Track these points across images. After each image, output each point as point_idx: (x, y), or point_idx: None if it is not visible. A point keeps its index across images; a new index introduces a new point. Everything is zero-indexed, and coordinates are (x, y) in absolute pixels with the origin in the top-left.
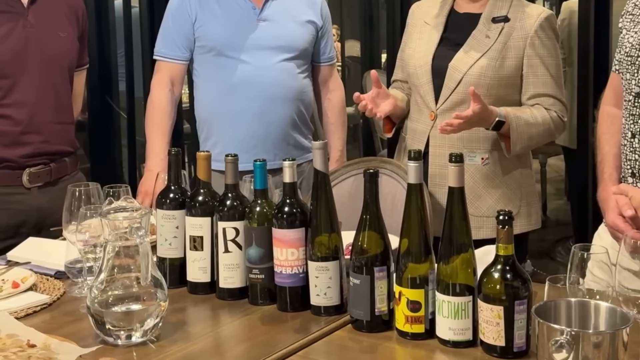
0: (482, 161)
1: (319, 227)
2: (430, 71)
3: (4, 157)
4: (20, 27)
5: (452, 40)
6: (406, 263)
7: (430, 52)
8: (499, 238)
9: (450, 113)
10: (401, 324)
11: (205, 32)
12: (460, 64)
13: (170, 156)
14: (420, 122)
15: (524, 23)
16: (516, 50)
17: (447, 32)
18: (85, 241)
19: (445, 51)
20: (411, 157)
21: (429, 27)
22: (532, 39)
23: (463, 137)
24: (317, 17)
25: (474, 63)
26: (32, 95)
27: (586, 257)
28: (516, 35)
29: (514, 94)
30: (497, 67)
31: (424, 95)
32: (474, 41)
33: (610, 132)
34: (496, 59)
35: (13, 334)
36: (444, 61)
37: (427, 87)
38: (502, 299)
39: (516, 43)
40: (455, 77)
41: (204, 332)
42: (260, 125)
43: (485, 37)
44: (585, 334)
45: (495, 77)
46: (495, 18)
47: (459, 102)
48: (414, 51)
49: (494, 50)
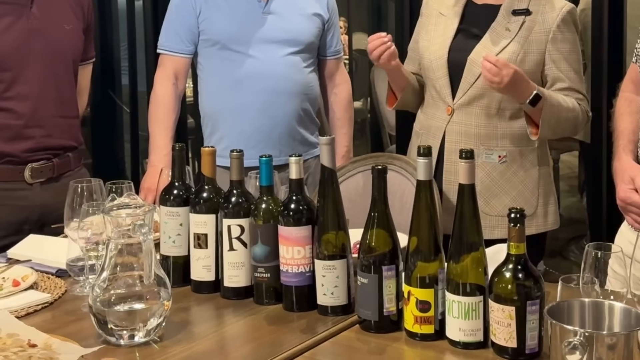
0: (500, 159)
1: (326, 225)
2: (447, 64)
3: (6, 152)
4: (23, 19)
5: (470, 32)
6: (415, 262)
7: (447, 45)
8: (510, 236)
9: (468, 108)
10: (410, 324)
11: (210, 25)
12: (480, 57)
13: (174, 152)
14: (435, 117)
15: (546, 17)
16: (538, 45)
17: (464, 23)
18: (87, 239)
19: (462, 43)
20: (420, 153)
21: (444, 17)
22: (555, 33)
23: (480, 134)
24: (324, 9)
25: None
26: (35, 88)
27: (600, 256)
28: (538, 30)
29: None
30: (518, 61)
31: (439, 89)
32: (494, 34)
33: (627, 112)
34: (517, 53)
35: (13, 334)
36: (462, 54)
37: (444, 80)
38: (513, 299)
39: (538, 37)
40: (475, 71)
41: (208, 332)
42: (265, 120)
43: (506, 30)
44: (599, 335)
45: None
46: (516, 10)
47: (477, 96)
48: (428, 43)
49: (516, 44)
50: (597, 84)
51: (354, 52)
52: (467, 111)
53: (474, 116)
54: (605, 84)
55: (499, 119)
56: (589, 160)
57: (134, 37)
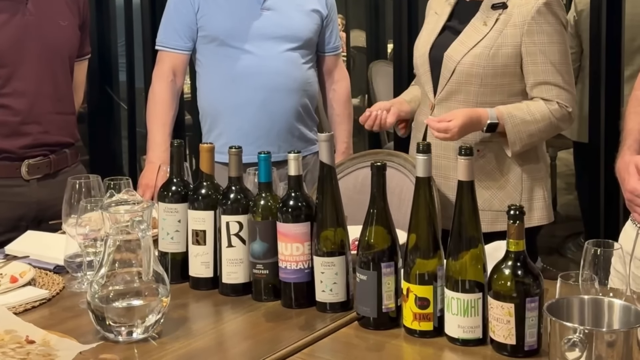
0: (478, 153)
1: (325, 222)
2: (428, 61)
3: (3, 148)
4: (19, 15)
5: (454, 29)
6: (414, 259)
7: (430, 41)
8: (509, 233)
9: (447, 103)
10: (409, 321)
11: (208, 21)
12: (455, 53)
13: (172, 148)
14: (422, 112)
15: (522, 10)
16: (512, 38)
17: (452, 20)
18: (85, 235)
19: (444, 40)
20: (419, 150)
21: (436, 16)
22: (529, 25)
23: None
24: (322, 6)
25: (468, 52)
26: (32, 84)
27: (599, 253)
28: (513, 23)
29: (515, 83)
30: (490, 55)
31: (424, 85)
32: (471, 29)
33: (637, 111)
34: (490, 48)
35: (11, 330)
36: (441, 50)
37: (426, 77)
38: (512, 296)
39: (513, 31)
40: (450, 66)
41: (206, 329)
42: (264, 116)
43: (483, 25)
44: (598, 333)
45: (489, 66)
46: (495, 5)
47: (454, 91)
48: (418, 41)
49: (489, 39)
50: (595, 84)
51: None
52: (446, 106)
53: (452, 110)
54: (603, 84)
55: None
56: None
57: (132, 33)
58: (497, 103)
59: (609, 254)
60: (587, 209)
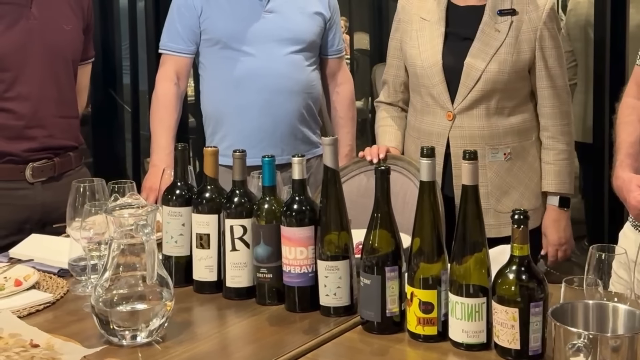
0: (505, 156)
1: (329, 225)
2: (442, 70)
3: (7, 151)
4: (23, 20)
5: (459, 35)
6: (418, 263)
7: (439, 50)
8: (514, 238)
9: (470, 111)
10: (413, 325)
11: (211, 24)
12: (477, 60)
13: (176, 151)
14: (435, 124)
15: (531, 15)
16: (528, 44)
17: (450, 26)
18: (89, 238)
19: (454, 48)
20: (424, 154)
21: (428, 22)
22: (542, 31)
23: (484, 135)
24: (325, 8)
25: (491, 59)
26: (36, 88)
27: (604, 258)
28: (526, 29)
29: (526, 86)
30: (513, 61)
31: (437, 95)
32: (485, 36)
33: (628, 121)
34: (512, 54)
35: (16, 334)
36: (456, 58)
37: (441, 87)
38: (517, 301)
39: (527, 36)
40: (474, 74)
41: (210, 333)
42: (267, 119)
43: (495, 31)
44: (603, 338)
45: (512, 72)
46: (502, 11)
47: (478, 99)
48: (418, 50)
49: (508, 45)
50: (600, 85)
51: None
52: (468, 114)
53: (475, 118)
54: (607, 85)
55: (499, 118)
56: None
57: (136, 36)
58: (513, 107)
59: (614, 259)
60: (591, 212)
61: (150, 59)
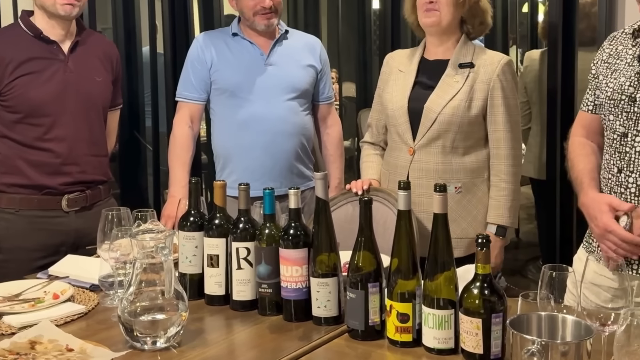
0: (456, 190)
1: (320, 248)
2: (407, 112)
3: (46, 185)
4: (61, 72)
5: (425, 84)
6: (396, 280)
7: (406, 96)
8: (477, 258)
9: (427, 148)
10: (392, 333)
11: (220, 76)
12: (435, 105)
13: (190, 184)
14: (400, 158)
15: (487, 69)
16: (482, 93)
17: (419, 76)
18: (116, 258)
19: (419, 94)
20: (401, 187)
21: (402, 74)
22: (495, 83)
23: (439, 169)
24: (317, 61)
25: (447, 104)
26: (71, 131)
27: (554, 276)
28: (481, 80)
29: (481, 129)
30: (466, 107)
31: (402, 133)
32: (445, 84)
33: (583, 154)
34: (465, 100)
35: (54, 339)
36: (419, 103)
37: (405, 126)
38: (480, 312)
39: (481, 86)
40: (431, 116)
41: (219, 339)
42: (268, 157)
43: (455, 82)
44: (553, 344)
45: (465, 116)
46: (462, 64)
47: (434, 138)
48: (391, 95)
49: (463, 93)
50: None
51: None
52: (426, 151)
53: (432, 155)
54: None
55: (453, 156)
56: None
57: (156, 86)
58: (467, 147)
59: (563, 277)
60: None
61: (168, 106)
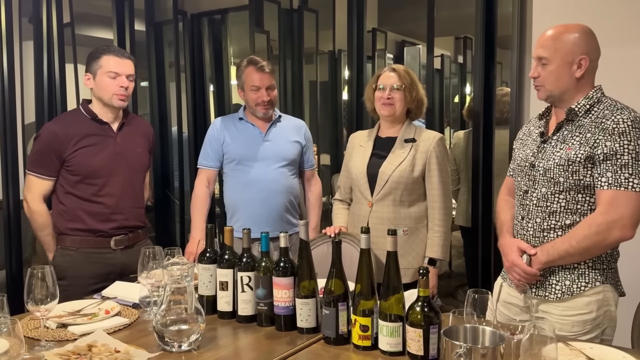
0: (404, 232)
1: (303, 276)
2: (366, 175)
3: (99, 229)
4: (111, 146)
5: (379, 155)
6: (359, 300)
7: (365, 163)
8: (419, 284)
9: (382, 202)
10: (356, 340)
11: (230, 149)
12: (387, 169)
13: (206, 229)
14: (362, 209)
15: (425, 143)
16: (421, 160)
17: (375, 149)
18: (152, 284)
19: (375, 162)
20: (362, 232)
21: (362, 148)
22: (431, 153)
23: (391, 217)
24: (302, 138)
25: (395, 169)
26: (118, 189)
27: (477, 298)
28: (420, 151)
29: (422, 188)
30: (410, 171)
31: (363, 191)
32: (394, 155)
33: (505, 208)
34: (409, 166)
35: (105, 344)
36: (375, 168)
37: (365, 186)
38: (422, 324)
39: (421, 156)
40: (384, 178)
41: (228, 344)
42: (265, 209)
43: (402, 152)
44: (475, 348)
45: (409, 178)
46: (407, 139)
47: (387, 194)
48: (354, 164)
49: (407, 161)
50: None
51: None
52: (381, 204)
53: (385, 206)
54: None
55: (401, 207)
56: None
57: (182, 156)
58: (411, 200)
59: (484, 298)
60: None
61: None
